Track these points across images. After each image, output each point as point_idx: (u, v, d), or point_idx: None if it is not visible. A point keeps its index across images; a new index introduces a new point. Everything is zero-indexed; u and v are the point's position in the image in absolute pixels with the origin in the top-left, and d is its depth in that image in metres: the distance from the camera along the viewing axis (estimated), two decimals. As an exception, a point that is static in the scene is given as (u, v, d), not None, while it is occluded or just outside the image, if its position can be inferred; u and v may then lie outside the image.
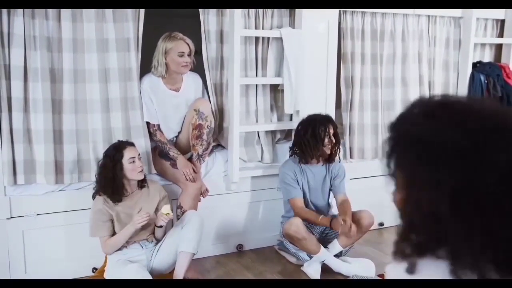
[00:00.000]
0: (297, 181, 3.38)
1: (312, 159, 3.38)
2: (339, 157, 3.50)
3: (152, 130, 3.32)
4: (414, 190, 0.89)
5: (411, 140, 0.89)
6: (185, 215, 3.07)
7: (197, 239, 2.96)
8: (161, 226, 2.96)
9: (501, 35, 4.54)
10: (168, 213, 2.87)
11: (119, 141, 3.02)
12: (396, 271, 0.91)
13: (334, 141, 3.37)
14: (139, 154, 2.99)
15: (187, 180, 3.26)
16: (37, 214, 3.08)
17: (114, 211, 2.92)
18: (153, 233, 3.03)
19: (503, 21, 4.50)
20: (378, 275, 3.21)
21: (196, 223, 2.98)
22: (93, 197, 2.95)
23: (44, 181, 3.06)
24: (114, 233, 2.93)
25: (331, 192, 3.51)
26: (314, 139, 3.33)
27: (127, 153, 2.92)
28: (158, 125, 3.34)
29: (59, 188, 3.14)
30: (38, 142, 3.02)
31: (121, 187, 2.92)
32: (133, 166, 2.93)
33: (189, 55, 3.27)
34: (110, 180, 2.88)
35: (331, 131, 3.36)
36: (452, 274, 0.84)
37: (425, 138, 0.87)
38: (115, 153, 2.90)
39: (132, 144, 3.00)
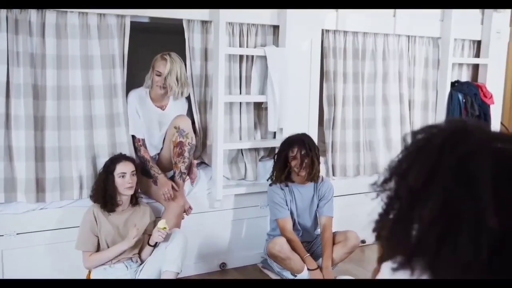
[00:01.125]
0: (286, 201, 3.38)
1: (281, 182, 3.36)
2: (321, 177, 3.47)
3: (137, 145, 3.30)
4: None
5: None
6: (169, 234, 3.04)
7: (182, 258, 2.94)
8: (155, 245, 2.93)
9: (477, 55, 4.66)
10: (165, 227, 2.86)
11: (119, 153, 3.05)
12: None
13: (302, 163, 3.27)
14: (133, 170, 2.99)
15: (165, 199, 3.23)
16: (17, 233, 3.01)
17: (105, 223, 2.90)
18: (139, 252, 3.00)
19: (479, 42, 4.63)
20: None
21: (180, 242, 2.95)
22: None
23: (24, 200, 2.99)
24: (98, 249, 2.91)
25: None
26: (282, 162, 3.33)
27: (119, 167, 2.94)
28: (143, 140, 3.32)
29: (40, 206, 3.07)
30: (19, 160, 2.96)
31: (113, 198, 2.93)
32: (122, 181, 2.93)
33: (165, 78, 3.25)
34: (102, 190, 2.91)
35: (298, 154, 3.28)
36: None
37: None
38: (109, 164, 2.96)
39: (129, 159, 3.02)
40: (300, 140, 3.32)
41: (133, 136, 3.30)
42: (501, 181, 0.74)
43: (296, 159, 3.29)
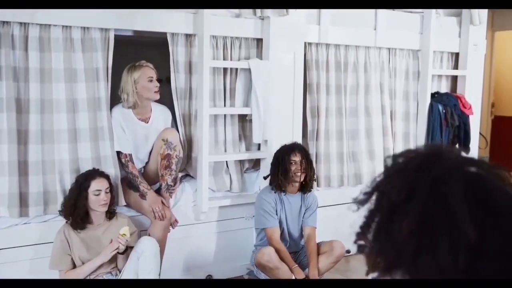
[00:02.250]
0: (276, 211, 3.40)
1: (285, 188, 3.40)
2: (311, 187, 3.49)
3: (124, 160, 3.27)
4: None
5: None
6: (138, 243, 2.97)
7: (156, 265, 2.92)
8: (123, 253, 2.90)
9: (455, 67, 4.77)
10: (124, 234, 2.82)
11: (93, 169, 2.99)
12: None
13: (301, 167, 3.35)
14: (107, 187, 2.94)
15: (155, 218, 3.21)
16: (0, 249, 2.97)
17: (76, 241, 2.87)
18: (116, 265, 2.98)
19: (457, 54, 4.73)
20: None
21: (151, 250, 2.91)
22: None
23: (7, 214, 2.95)
24: (74, 266, 2.88)
25: None
26: (283, 170, 3.36)
27: (94, 185, 2.89)
28: (130, 155, 3.30)
29: (23, 221, 3.03)
30: (2, 174, 2.92)
31: (83, 215, 2.89)
32: (96, 199, 2.89)
33: (156, 80, 3.29)
34: (72, 207, 2.86)
35: (296, 158, 3.35)
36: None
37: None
38: (83, 181, 2.89)
39: (103, 175, 2.96)
40: (300, 146, 3.43)
41: (119, 152, 3.28)
42: (472, 200, 0.83)
43: (296, 164, 3.34)
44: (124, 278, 2.91)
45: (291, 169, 3.35)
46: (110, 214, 3.02)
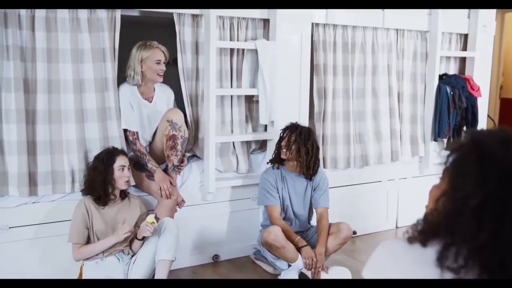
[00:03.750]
0: (277, 189, 3.41)
1: (275, 163, 3.43)
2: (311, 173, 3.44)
3: (131, 138, 3.29)
4: (461, 182, 1.01)
5: (481, 152, 1.01)
6: (160, 223, 3.03)
7: (175, 246, 2.96)
8: (143, 238, 2.93)
9: (464, 48, 4.72)
10: (153, 222, 2.86)
11: (112, 147, 3.03)
12: (392, 245, 1.06)
13: (288, 145, 3.32)
14: (128, 165, 3.02)
15: (162, 196, 3.24)
16: (10, 227, 3.01)
17: (96, 216, 2.91)
18: (130, 245, 3.01)
19: (466, 35, 4.68)
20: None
21: (173, 230, 2.96)
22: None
23: (17, 193, 2.98)
24: (88, 242, 2.92)
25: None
26: (279, 144, 3.41)
27: (119, 160, 2.96)
28: (137, 133, 3.32)
29: (32, 200, 3.07)
30: (11, 154, 2.95)
31: (109, 192, 2.93)
32: (121, 174, 2.96)
33: (164, 62, 3.29)
34: (101, 182, 2.90)
35: (287, 136, 3.35)
36: (437, 261, 0.97)
37: (490, 156, 1.00)
38: (107, 157, 2.94)
39: (124, 153, 3.03)
40: (294, 126, 3.39)
41: (125, 131, 3.30)
42: None
43: (284, 140, 3.35)
44: (141, 256, 2.95)
45: (280, 144, 3.38)
46: (123, 194, 3.05)
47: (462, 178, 1.00)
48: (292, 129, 3.37)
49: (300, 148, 3.31)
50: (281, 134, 3.40)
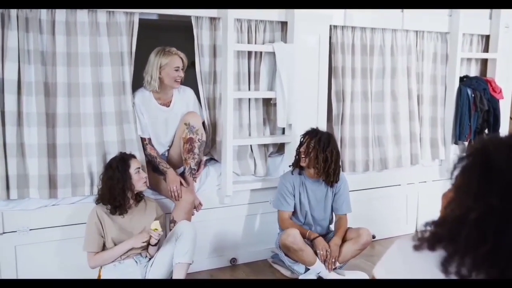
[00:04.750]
0: (294, 194, 3.39)
1: (297, 170, 3.41)
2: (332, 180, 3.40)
3: (143, 143, 3.32)
4: (463, 194, 1.02)
5: (487, 165, 1.00)
6: (177, 226, 3.05)
7: (192, 249, 2.96)
8: (155, 244, 2.94)
9: (486, 50, 4.64)
10: (156, 229, 2.85)
11: (121, 153, 3.04)
12: (403, 243, 1.07)
13: (307, 152, 3.29)
14: (141, 166, 3.05)
15: (172, 197, 3.24)
16: (30, 229, 3.05)
17: (109, 224, 2.92)
18: (147, 248, 3.02)
19: (488, 37, 4.61)
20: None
21: (190, 233, 2.97)
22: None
23: (37, 196, 3.02)
24: (103, 248, 2.93)
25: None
26: (297, 150, 3.39)
27: (133, 164, 2.98)
28: (149, 139, 3.35)
29: (52, 202, 3.10)
30: (32, 156, 2.99)
31: (128, 198, 2.93)
32: (138, 177, 2.97)
33: (182, 69, 3.30)
34: (120, 191, 2.90)
35: (306, 142, 3.32)
36: (441, 266, 0.98)
37: (495, 168, 0.99)
38: (121, 164, 2.94)
39: (134, 156, 3.05)
40: (314, 132, 3.35)
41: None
42: None
43: (302, 146, 3.33)
44: (158, 259, 2.96)
45: (300, 150, 3.35)
46: (138, 197, 3.07)
47: (465, 190, 1.00)
48: (312, 135, 3.33)
49: (318, 155, 3.27)
50: (301, 139, 3.38)
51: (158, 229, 2.86)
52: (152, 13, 3.29)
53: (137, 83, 3.35)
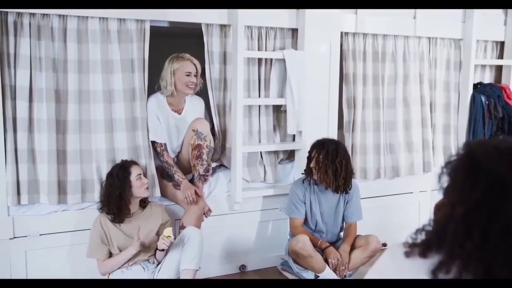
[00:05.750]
0: (305, 202, 3.38)
1: (309, 179, 3.38)
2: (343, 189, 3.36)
3: (159, 149, 3.33)
4: (450, 194, 1.05)
5: (472, 162, 1.02)
6: (184, 232, 3.04)
7: (199, 255, 2.95)
8: (163, 250, 2.94)
9: (501, 56, 4.59)
10: (169, 236, 2.85)
11: (123, 160, 3.05)
12: (395, 251, 1.07)
13: (317, 165, 3.26)
14: (143, 172, 3.06)
15: (187, 202, 3.25)
16: (40, 235, 3.08)
17: (114, 231, 2.93)
18: (154, 254, 3.03)
19: (502, 43, 4.55)
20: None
21: (196, 239, 2.96)
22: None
23: (47, 201, 3.05)
24: (110, 255, 2.94)
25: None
26: (309, 161, 3.35)
27: (134, 171, 2.99)
28: (165, 145, 3.35)
29: (62, 208, 3.13)
30: (42, 162, 3.03)
31: (127, 207, 2.93)
32: (140, 183, 2.98)
33: (195, 75, 3.31)
34: (118, 199, 2.91)
35: (315, 156, 3.27)
36: (431, 274, 0.98)
37: (480, 164, 1.00)
38: (122, 171, 2.96)
39: (136, 163, 3.07)
40: (320, 145, 3.30)
41: (153, 142, 3.33)
42: None
43: (312, 161, 3.30)
44: (165, 265, 2.95)
45: (310, 163, 3.32)
46: (144, 203, 3.08)
47: (452, 189, 1.02)
48: (319, 149, 3.28)
49: (328, 170, 3.24)
50: (309, 153, 3.34)
51: (171, 236, 2.86)
52: (163, 20, 3.31)
53: (151, 90, 3.37)
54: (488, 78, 4.60)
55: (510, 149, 1.00)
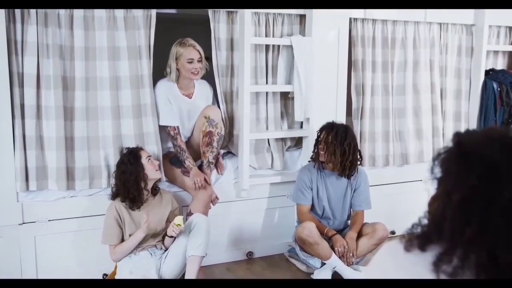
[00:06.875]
0: (311, 188, 3.37)
1: (316, 164, 3.37)
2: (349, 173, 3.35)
3: (173, 133, 3.31)
4: (444, 183, 1.03)
5: (464, 149, 1.02)
6: (191, 219, 3.06)
7: (206, 242, 2.96)
8: (171, 236, 2.96)
9: (514, 42, 4.51)
10: (179, 224, 2.87)
11: (128, 148, 3.07)
12: (393, 246, 1.07)
13: (325, 147, 3.26)
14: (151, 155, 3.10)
15: (196, 187, 3.26)
16: (49, 220, 3.11)
17: (128, 218, 2.95)
18: (162, 240, 3.05)
19: (516, 28, 4.47)
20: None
21: (203, 226, 2.97)
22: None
23: (55, 187, 3.09)
24: (122, 240, 2.97)
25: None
26: (316, 144, 3.35)
27: (143, 154, 3.03)
28: (178, 128, 3.34)
29: (70, 194, 3.16)
30: (50, 149, 3.06)
31: (142, 189, 2.96)
32: (151, 164, 3.02)
33: (199, 61, 3.30)
34: (135, 183, 2.93)
35: (324, 138, 3.28)
36: (433, 266, 0.97)
37: (473, 151, 1.00)
38: (132, 156, 2.98)
39: (142, 148, 3.12)
40: (330, 126, 3.30)
41: (165, 126, 3.32)
42: None
43: (320, 143, 3.29)
44: (172, 252, 2.98)
45: (318, 146, 3.32)
46: (154, 190, 3.10)
47: (446, 178, 1.01)
48: (329, 129, 3.29)
49: (336, 150, 3.23)
50: (318, 135, 3.34)
51: (182, 225, 2.88)
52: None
53: (157, 76, 3.36)
54: (500, 64, 4.52)
55: (502, 136, 0.99)
